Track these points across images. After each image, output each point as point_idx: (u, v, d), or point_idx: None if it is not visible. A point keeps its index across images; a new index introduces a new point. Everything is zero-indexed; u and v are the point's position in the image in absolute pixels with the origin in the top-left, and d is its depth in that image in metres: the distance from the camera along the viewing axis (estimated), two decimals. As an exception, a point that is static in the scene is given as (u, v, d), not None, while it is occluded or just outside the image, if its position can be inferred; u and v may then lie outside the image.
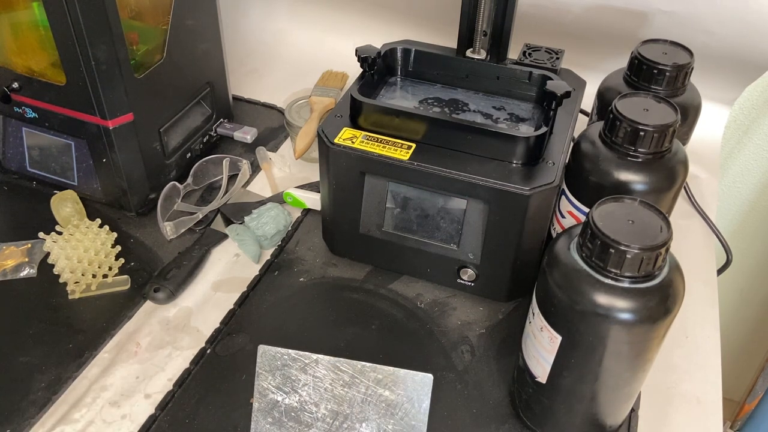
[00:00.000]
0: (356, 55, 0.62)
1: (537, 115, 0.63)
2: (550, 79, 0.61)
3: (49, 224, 0.68)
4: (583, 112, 0.77)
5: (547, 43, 0.67)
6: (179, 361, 0.58)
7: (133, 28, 0.67)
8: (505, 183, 0.54)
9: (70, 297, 0.63)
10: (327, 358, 0.50)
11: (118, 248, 0.67)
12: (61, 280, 0.64)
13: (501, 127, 0.61)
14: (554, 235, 0.63)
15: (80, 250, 0.64)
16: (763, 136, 0.99)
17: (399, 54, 0.67)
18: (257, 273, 0.66)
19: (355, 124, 0.60)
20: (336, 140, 0.59)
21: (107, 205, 0.73)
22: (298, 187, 0.75)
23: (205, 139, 0.80)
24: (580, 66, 0.69)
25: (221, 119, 0.82)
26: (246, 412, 0.54)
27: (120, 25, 0.61)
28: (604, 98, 0.66)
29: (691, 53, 0.62)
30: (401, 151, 0.57)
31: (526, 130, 0.61)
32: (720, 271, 0.73)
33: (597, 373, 0.46)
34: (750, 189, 1.06)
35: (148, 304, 0.63)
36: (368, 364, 0.50)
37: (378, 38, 0.68)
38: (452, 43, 0.66)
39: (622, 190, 0.53)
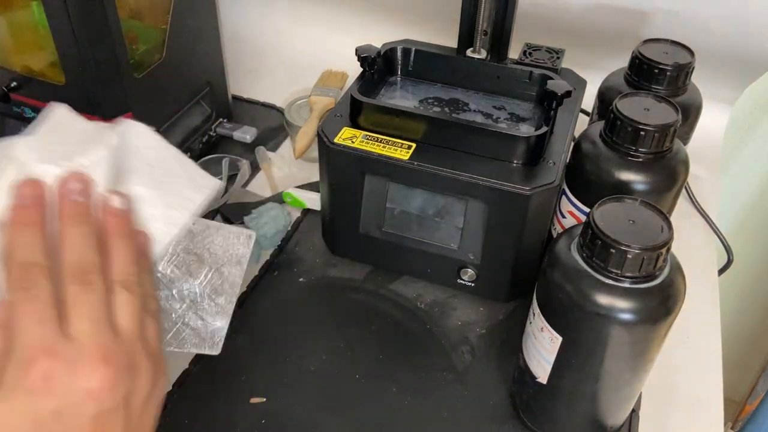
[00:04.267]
0: (356, 54, 0.62)
1: (537, 115, 0.63)
2: (551, 78, 0.61)
3: (49, 224, 0.68)
4: (583, 111, 0.77)
5: (547, 42, 0.67)
6: (179, 361, 0.58)
7: (133, 28, 0.67)
8: (506, 183, 0.54)
9: (69, 297, 0.62)
10: None
11: (118, 248, 0.67)
12: (60, 281, 0.63)
13: (501, 127, 0.60)
14: (555, 235, 0.62)
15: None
16: (764, 136, 0.99)
17: (399, 53, 0.66)
18: (256, 273, 0.66)
19: (355, 124, 0.60)
20: (336, 140, 0.58)
21: (106, 205, 0.72)
22: (298, 187, 0.75)
23: (204, 139, 0.79)
24: (581, 65, 0.69)
25: (221, 119, 0.82)
26: (246, 413, 0.54)
27: (119, 24, 0.61)
28: (604, 98, 0.65)
29: (692, 53, 0.62)
30: (401, 151, 0.57)
31: (526, 130, 0.61)
32: (721, 271, 0.73)
33: (598, 374, 0.45)
34: (751, 189, 1.06)
35: (147, 305, 0.63)
36: None
37: (378, 38, 0.68)
38: (452, 43, 0.66)
39: (622, 190, 0.53)
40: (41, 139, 0.36)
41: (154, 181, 0.38)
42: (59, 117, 0.38)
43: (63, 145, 0.36)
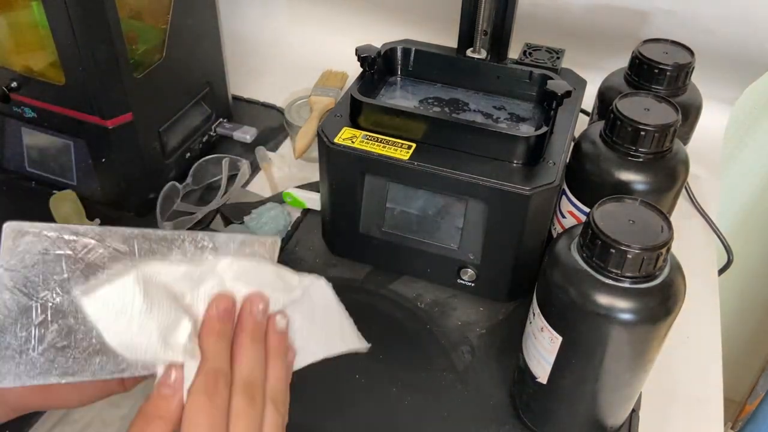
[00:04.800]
0: (356, 54, 0.62)
1: (537, 115, 0.63)
2: (551, 78, 0.61)
3: (48, 224, 0.68)
4: (583, 111, 0.77)
5: (547, 42, 0.67)
6: (178, 362, 0.58)
7: (133, 28, 0.67)
8: (506, 183, 0.54)
9: (69, 297, 0.62)
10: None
11: (118, 248, 0.67)
12: (60, 281, 0.63)
13: (501, 127, 0.60)
14: (555, 235, 0.62)
15: (79, 251, 0.64)
16: (764, 136, 0.99)
17: (399, 53, 0.66)
18: (257, 273, 0.66)
19: (354, 124, 0.60)
20: (336, 140, 0.58)
21: (106, 205, 0.72)
22: (298, 187, 0.75)
23: (204, 139, 0.79)
24: (581, 65, 0.69)
25: (221, 119, 0.82)
26: (245, 413, 0.54)
27: (119, 24, 0.61)
28: (604, 98, 0.65)
29: (692, 53, 0.62)
30: (401, 151, 0.57)
31: (526, 130, 0.61)
32: (721, 271, 0.73)
33: (598, 374, 0.45)
34: (751, 188, 1.06)
35: (147, 305, 0.63)
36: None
37: (378, 38, 0.68)
38: (452, 43, 0.66)
39: (622, 190, 0.53)
40: (239, 262, 0.40)
41: (312, 319, 0.42)
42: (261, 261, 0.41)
43: (256, 273, 0.40)
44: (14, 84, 0.66)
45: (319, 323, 0.43)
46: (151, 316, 0.36)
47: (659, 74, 0.61)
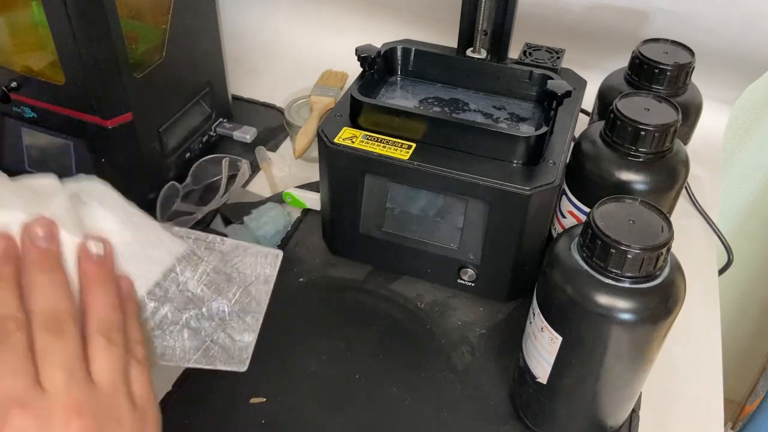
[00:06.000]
0: (356, 54, 0.62)
1: (537, 115, 0.63)
2: (551, 78, 0.61)
3: (48, 224, 0.68)
4: (583, 111, 0.77)
5: (547, 42, 0.67)
6: (178, 362, 0.58)
7: (133, 28, 0.67)
8: (506, 183, 0.54)
9: (69, 297, 0.62)
10: None
11: (118, 248, 0.67)
12: (60, 281, 0.63)
13: (501, 127, 0.60)
14: (555, 235, 0.62)
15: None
16: (764, 136, 0.99)
17: (399, 53, 0.66)
18: (257, 273, 0.66)
19: (355, 124, 0.60)
20: (336, 140, 0.58)
21: (106, 205, 0.72)
22: (297, 187, 0.75)
23: (204, 139, 0.79)
24: (581, 65, 0.69)
25: (220, 119, 0.82)
26: (246, 412, 0.54)
27: (119, 24, 0.61)
28: (604, 98, 0.65)
29: (692, 52, 0.62)
30: (401, 151, 0.57)
31: (526, 130, 0.61)
32: (721, 271, 0.73)
33: (598, 374, 0.45)
34: (751, 188, 1.06)
35: (147, 305, 0.63)
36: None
37: (378, 37, 0.68)
38: (452, 43, 0.66)
39: (622, 189, 0.53)
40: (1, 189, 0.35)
41: (128, 230, 0.38)
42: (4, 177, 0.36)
43: (26, 193, 0.35)
44: (14, 84, 0.66)
45: (133, 234, 0.38)
46: None
47: (659, 74, 0.61)
